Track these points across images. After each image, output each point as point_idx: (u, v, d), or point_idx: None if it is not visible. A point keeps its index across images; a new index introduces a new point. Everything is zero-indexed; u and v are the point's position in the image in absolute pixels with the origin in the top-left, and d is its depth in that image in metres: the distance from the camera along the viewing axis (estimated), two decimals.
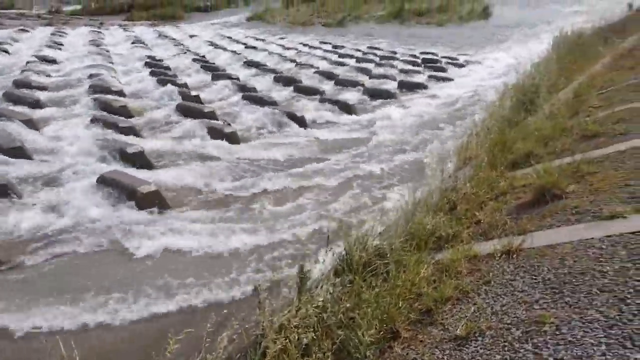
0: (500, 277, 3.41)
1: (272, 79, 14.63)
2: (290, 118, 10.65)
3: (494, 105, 9.24)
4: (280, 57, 18.73)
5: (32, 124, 9.54)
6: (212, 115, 10.54)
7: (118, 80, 14.38)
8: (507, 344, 2.70)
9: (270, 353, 3.01)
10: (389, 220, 5.30)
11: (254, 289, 3.56)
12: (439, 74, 15.81)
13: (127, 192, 6.65)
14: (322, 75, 15.36)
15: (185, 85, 13.32)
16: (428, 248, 4.11)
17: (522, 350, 2.61)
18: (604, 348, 2.43)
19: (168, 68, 16.05)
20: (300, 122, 10.55)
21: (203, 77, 15.19)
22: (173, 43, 22.65)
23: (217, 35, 25.96)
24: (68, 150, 8.42)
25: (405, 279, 3.56)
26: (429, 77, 15.45)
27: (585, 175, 4.62)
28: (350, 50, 20.41)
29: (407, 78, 15.07)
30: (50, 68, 15.94)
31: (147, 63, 16.83)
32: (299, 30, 28.23)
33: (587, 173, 4.65)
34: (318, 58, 18.64)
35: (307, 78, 15.06)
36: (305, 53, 19.92)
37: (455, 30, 27.20)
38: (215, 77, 14.78)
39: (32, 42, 22.02)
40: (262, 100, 11.79)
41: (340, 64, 17.40)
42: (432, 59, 18.19)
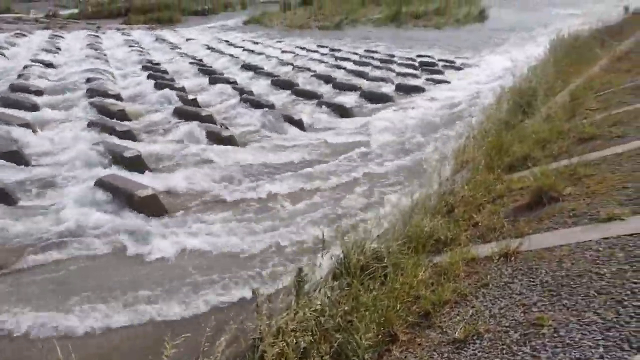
0: (498, 279, 3.41)
1: (269, 83, 14.62)
2: (288, 121, 10.64)
3: (491, 108, 9.25)
4: (278, 60, 18.72)
5: (29, 128, 9.53)
6: (209, 119, 10.53)
7: (115, 84, 14.38)
8: (505, 347, 2.70)
9: (268, 357, 3.00)
10: (387, 223, 5.30)
11: (252, 293, 3.55)
12: (436, 77, 15.83)
13: (124, 196, 6.64)
14: (319, 79, 15.35)
15: (183, 89, 13.30)
16: (426, 251, 4.11)
17: (520, 353, 2.61)
18: (602, 350, 2.43)
19: (165, 72, 16.03)
20: (298, 125, 10.55)
21: (200, 80, 15.18)
22: (170, 47, 22.64)
23: (214, 39, 25.96)
24: (65, 154, 8.41)
25: (403, 282, 3.56)
26: (426, 80, 15.46)
27: (582, 178, 4.63)
28: (348, 54, 20.41)
29: (404, 81, 15.07)
30: (48, 72, 15.92)
31: (144, 67, 16.81)
32: (296, 34, 28.24)
33: (584, 175, 4.66)
34: (315, 61, 18.63)
35: (304, 81, 15.05)
36: (303, 56, 19.92)
37: (452, 33, 27.25)
38: (213, 80, 14.78)
39: (29, 45, 21.99)
40: (259, 104, 11.78)
41: (338, 67, 17.40)
42: (429, 62, 18.20)
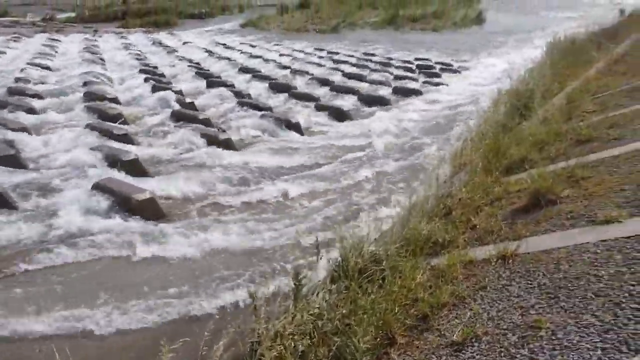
0: (496, 282, 3.41)
1: (267, 86, 14.62)
2: (285, 124, 10.63)
3: (489, 111, 9.27)
4: (275, 63, 18.73)
5: (26, 132, 9.51)
6: (207, 122, 10.52)
7: (113, 88, 14.37)
8: (503, 350, 2.70)
9: None
10: (385, 226, 5.30)
11: (249, 296, 3.55)
12: (434, 80, 15.84)
13: (121, 199, 6.63)
14: (317, 82, 15.35)
15: (180, 92, 13.30)
16: (424, 253, 4.11)
17: (518, 356, 2.60)
18: (600, 353, 2.43)
19: (163, 75, 16.02)
20: (296, 128, 10.55)
21: (198, 83, 15.16)
22: (167, 50, 22.63)
23: (211, 42, 25.97)
24: (62, 158, 8.39)
25: (401, 285, 3.56)
26: (424, 82, 15.48)
27: (580, 180, 4.64)
28: (345, 57, 20.43)
29: (402, 84, 15.08)
30: (45, 75, 15.91)
31: (141, 70, 16.79)
32: (294, 37, 28.26)
33: (581, 178, 4.67)
34: (313, 64, 18.65)
35: (302, 84, 15.06)
36: (300, 59, 19.93)
37: (450, 36, 27.31)
38: (210, 83, 14.76)
39: (26, 49, 21.97)
40: (257, 107, 11.77)
41: (335, 70, 17.42)
42: (426, 65, 18.22)
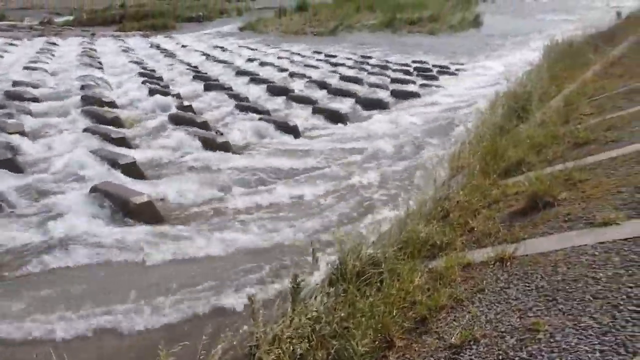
0: (494, 285, 3.41)
1: (265, 89, 14.62)
2: (283, 127, 10.64)
3: (486, 113, 9.28)
4: (273, 66, 18.74)
5: (23, 136, 9.51)
6: (204, 126, 10.53)
7: (110, 91, 14.37)
8: (501, 352, 2.70)
9: None
10: (383, 229, 5.31)
11: (248, 299, 3.55)
12: (431, 82, 15.86)
13: (119, 203, 6.62)
14: (315, 85, 15.37)
15: (178, 96, 13.31)
16: (422, 256, 4.11)
17: (516, 359, 2.60)
18: (598, 355, 2.43)
19: (160, 78, 16.02)
20: (293, 131, 10.55)
21: (195, 87, 15.17)
22: (165, 53, 22.64)
23: (209, 46, 25.98)
24: (60, 162, 8.37)
25: (399, 288, 3.56)
26: (421, 85, 15.49)
27: (577, 183, 4.64)
28: (343, 59, 20.45)
29: (399, 87, 15.10)
30: (42, 79, 15.89)
31: (139, 73, 16.79)
32: (292, 40, 28.29)
33: (579, 180, 4.67)
34: (311, 67, 18.67)
35: (300, 87, 15.07)
36: (298, 62, 19.95)
37: (447, 39, 27.35)
38: (208, 87, 14.78)
39: (23, 52, 21.97)
40: (255, 110, 11.78)
41: (333, 73, 17.44)
42: (424, 68, 18.25)
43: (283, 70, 17.84)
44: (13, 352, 4.27)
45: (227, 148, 9.37)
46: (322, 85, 15.16)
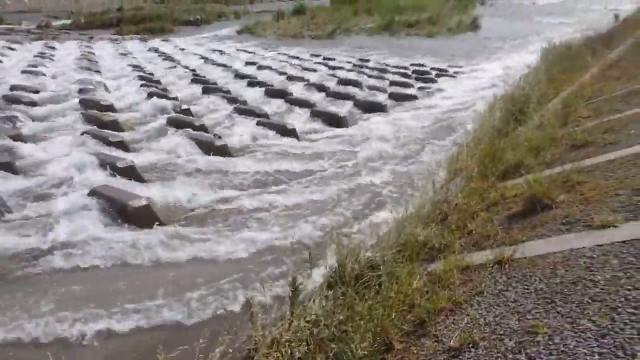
0: (493, 287, 3.41)
1: (263, 92, 14.62)
2: (282, 130, 10.65)
3: (484, 116, 9.29)
4: (271, 69, 18.74)
5: (21, 139, 9.50)
6: (203, 129, 10.52)
7: (108, 94, 14.36)
8: (500, 355, 2.69)
9: None
10: (381, 232, 5.31)
11: (247, 302, 3.55)
12: (430, 85, 15.88)
13: (117, 206, 6.61)
14: (313, 88, 15.37)
15: (176, 99, 13.30)
16: (420, 259, 4.11)
17: None
18: (597, 357, 2.43)
19: (158, 82, 16.01)
20: (292, 134, 10.55)
21: (194, 90, 15.16)
22: (163, 57, 22.63)
23: (207, 49, 25.99)
24: (58, 165, 8.36)
25: (398, 291, 3.56)
26: (420, 88, 15.50)
27: (576, 185, 4.64)
28: (341, 63, 20.46)
29: (398, 90, 15.09)
30: (40, 82, 15.88)
31: (137, 77, 16.79)
32: (290, 43, 28.30)
33: (577, 182, 4.67)
34: (309, 70, 18.66)
35: (298, 90, 15.06)
36: (296, 65, 19.95)
37: (445, 42, 27.39)
38: (206, 90, 14.76)
39: (21, 56, 21.95)
40: (253, 113, 11.78)
41: (331, 76, 17.44)
42: (422, 71, 18.27)
43: (281, 74, 17.84)
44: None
45: (225, 151, 9.37)
46: (320, 89, 15.15)
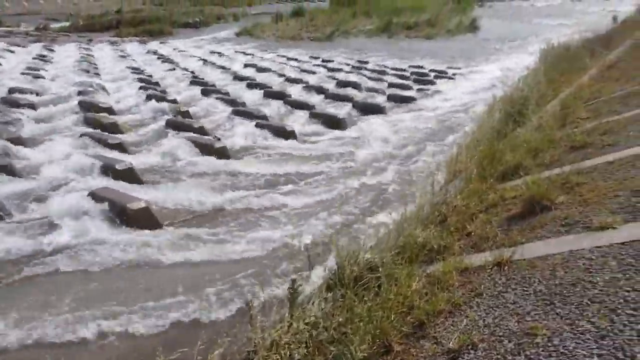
0: (492, 289, 3.41)
1: (262, 94, 14.63)
2: (280, 132, 10.65)
3: (483, 117, 9.30)
4: (270, 71, 18.75)
5: (20, 142, 9.49)
6: (202, 131, 10.52)
7: (107, 97, 14.36)
8: (499, 357, 2.69)
9: None
10: (380, 233, 5.31)
11: (246, 305, 3.55)
12: (428, 87, 15.89)
13: (116, 208, 6.61)
14: (312, 90, 15.37)
15: (175, 101, 13.30)
16: (419, 261, 4.11)
17: None
18: (596, 359, 2.42)
19: (157, 84, 16.02)
20: (291, 136, 10.55)
21: (192, 92, 15.17)
22: (162, 59, 22.63)
23: (206, 51, 25.99)
24: (57, 167, 8.36)
25: (397, 293, 3.55)
26: (418, 90, 15.50)
27: (575, 187, 4.64)
28: (340, 65, 20.48)
29: (396, 91, 15.10)
30: (39, 85, 15.87)
31: (136, 79, 16.80)
32: (289, 45, 28.32)
33: (576, 184, 4.67)
34: (308, 72, 18.68)
35: (297, 92, 15.07)
36: (295, 67, 19.97)
37: (444, 44, 27.42)
38: (205, 92, 14.78)
39: (20, 58, 21.94)
40: (252, 115, 11.79)
41: (330, 78, 17.45)
42: (421, 72, 18.29)
43: (280, 76, 17.85)
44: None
45: (224, 153, 9.37)
46: (319, 90, 15.16)
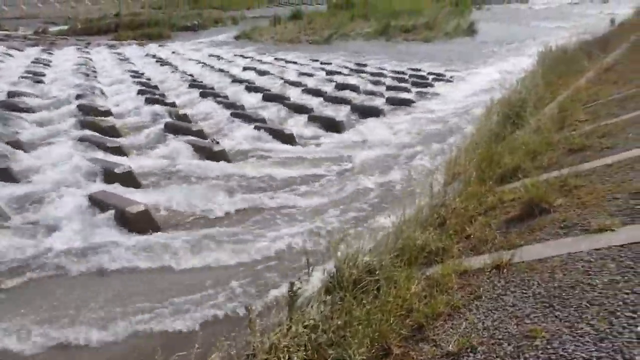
0: (491, 292, 3.41)
1: (260, 97, 14.63)
2: (279, 135, 10.65)
3: (482, 120, 9.30)
4: (269, 74, 18.75)
5: (18, 145, 9.48)
6: (200, 134, 10.52)
7: (106, 100, 14.36)
8: None
9: None
10: (379, 236, 5.30)
11: (245, 309, 3.54)
12: (427, 90, 15.90)
13: (115, 212, 6.60)
14: (310, 93, 15.37)
15: (174, 104, 13.30)
16: (418, 263, 4.11)
17: None
18: None
19: (156, 87, 16.01)
20: (289, 139, 10.55)
21: (191, 95, 15.17)
22: (160, 62, 22.63)
23: (204, 54, 25.99)
24: (56, 171, 8.35)
25: (396, 295, 3.55)
26: (417, 93, 15.50)
27: (573, 189, 4.65)
28: (338, 67, 20.47)
29: (395, 94, 15.12)
30: (37, 88, 15.87)
31: (134, 82, 16.80)
32: (287, 48, 28.31)
33: (574, 187, 4.68)
34: (306, 75, 18.69)
35: (295, 95, 15.08)
36: (293, 70, 19.97)
37: (442, 47, 27.44)
38: (204, 95, 14.78)
39: (19, 62, 21.92)
40: (250, 118, 11.79)
41: (329, 81, 17.46)
42: (419, 75, 18.29)
43: (279, 79, 17.86)
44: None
45: (223, 156, 9.36)
46: (317, 93, 15.17)
